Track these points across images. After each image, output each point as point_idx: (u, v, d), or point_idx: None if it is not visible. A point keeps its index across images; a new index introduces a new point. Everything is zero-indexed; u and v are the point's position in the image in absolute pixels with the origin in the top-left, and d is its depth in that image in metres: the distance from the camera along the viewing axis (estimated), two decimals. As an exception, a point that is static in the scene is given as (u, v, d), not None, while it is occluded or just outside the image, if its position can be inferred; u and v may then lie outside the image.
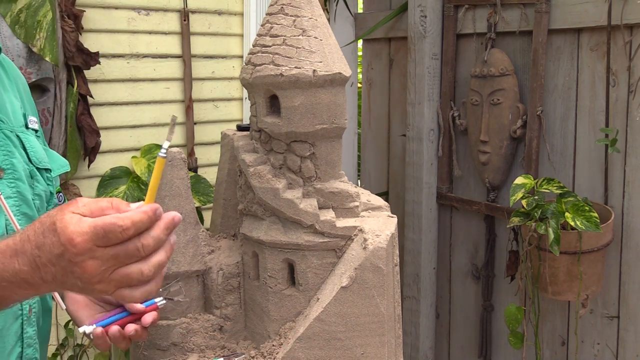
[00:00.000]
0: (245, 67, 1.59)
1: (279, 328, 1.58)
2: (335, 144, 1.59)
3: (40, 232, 0.94)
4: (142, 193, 2.50)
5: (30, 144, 1.33)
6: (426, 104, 2.78)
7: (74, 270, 0.92)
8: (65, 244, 0.91)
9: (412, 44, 2.79)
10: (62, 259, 0.92)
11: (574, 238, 2.15)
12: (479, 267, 2.78)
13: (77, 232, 0.90)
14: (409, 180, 2.89)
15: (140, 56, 2.55)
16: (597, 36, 2.30)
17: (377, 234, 1.51)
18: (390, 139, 3.19)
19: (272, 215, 1.58)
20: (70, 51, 2.29)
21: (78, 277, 0.93)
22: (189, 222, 1.71)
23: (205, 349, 1.66)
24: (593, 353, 2.41)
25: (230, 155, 1.81)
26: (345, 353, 1.50)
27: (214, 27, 2.73)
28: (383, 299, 1.50)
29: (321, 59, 1.50)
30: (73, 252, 0.91)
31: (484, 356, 2.78)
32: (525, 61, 2.50)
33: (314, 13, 1.55)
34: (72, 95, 2.32)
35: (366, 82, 3.29)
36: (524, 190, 2.22)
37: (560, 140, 2.44)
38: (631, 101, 2.22)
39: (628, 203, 2.26)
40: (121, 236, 0.91)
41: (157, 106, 2.61)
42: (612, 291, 2.34)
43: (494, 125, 2.54)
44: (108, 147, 2.50)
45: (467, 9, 2.66)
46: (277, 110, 1.55)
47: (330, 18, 3.12)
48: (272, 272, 1.58)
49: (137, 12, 2.53)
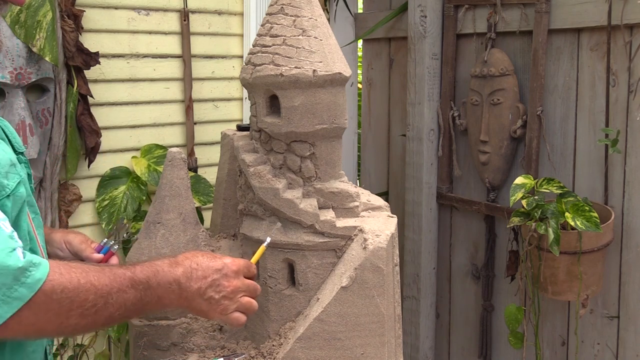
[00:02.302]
0: (245, 67, 1.59)
1: (279, 328, 1.58)
2: (335, 144, 1.59)
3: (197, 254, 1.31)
4: (142, 193, 2.49)
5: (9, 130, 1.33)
6: (426, 104, 2.78)
7: (221, 283, 1.28)
8: (227, 264, 1.31)
9: (412, 44, 2.79)
10: (218, 272, 1.29)
11: (574, 238, 2.15)
12: (479, 267, 2.78)
13: (236, 260, 1.34)
14: (409, 180, 2.89)
15: (140, 56, 2.55)
16: (597, 36, 2.30)
17: (377, 234, 1.51)
18: (390, 139, 3.19)
19: (272, 215, 1.58)
20: (70, 51, 2.29)
21: (219, 291, 1.28)
22: (189, 222, 1.71)
23: (205, 349, 1.66)
24: (593, 353, 2.41)
25: (230, 155, 1.81)
26: (345, 353, 1.50)
27: (214, 27, 2.72)
28: (383, 299, 1.50)
29: (321, 59, 1.50)
30: (231, 269, 1.31)
31: (484, 356, 2.78)
32: (525, 61, 2.50)
33: (314, 13, 1.55)
34: (72, 95, 2.32)
35: (366, 82, 3.29)
36: (524, 190, 2.22)
37: (560, 140, 2.44)
38: (631, 101, 2.22)
39: (628, 203, 2.26)
40: (254, 275, 1.37)
41: (157, 106, 2.61)
42: (612, 291, 2.34)
43: (494, 125, 2.54)
44: (108, 147, 2.49)
45: (467, 9, 2.66)
46: (277, 110, 1.55)
47: (330, 18, 3.11)
48: (272, 272, 1.58)
49: (137, 12, 2.53)
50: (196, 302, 1.27)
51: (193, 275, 1.26)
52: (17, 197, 1.19)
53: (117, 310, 1.15)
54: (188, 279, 1.25)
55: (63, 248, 1.48)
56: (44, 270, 1.07)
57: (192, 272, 1.26)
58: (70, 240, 1.49)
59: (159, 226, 1.67)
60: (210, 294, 1.27)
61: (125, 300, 1.16)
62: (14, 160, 1.22)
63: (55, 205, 2.35)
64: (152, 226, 1.69)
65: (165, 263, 1.26)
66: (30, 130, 2.19)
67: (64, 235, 1.50)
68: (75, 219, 2.46)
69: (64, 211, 2.41)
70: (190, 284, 1.25)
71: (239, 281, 1.31)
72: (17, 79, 2.17)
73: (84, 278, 1.11)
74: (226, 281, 1.29)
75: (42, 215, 2.30)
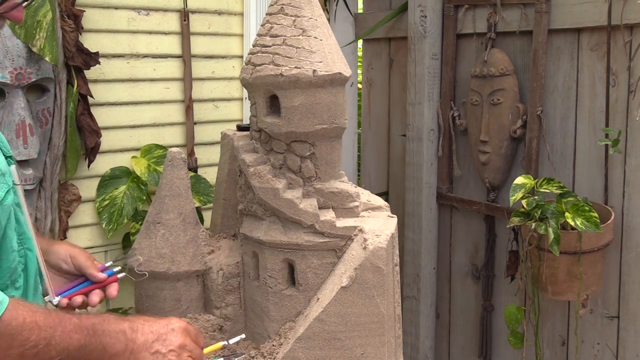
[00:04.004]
0: (245, 67, 1.59)
1: (279, 328, 1.58)
2: (335, 144, 1.59)
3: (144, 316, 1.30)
4: (142, 193, 2.49)
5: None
6: (426, 104, 2.78)
7: (169, 338, 1.25)
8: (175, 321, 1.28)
9: (412, 44, 2.79)
10: (166, 327, 1.26)
11: (574, 238, 2.15)
12: (479, 267, 2.78)
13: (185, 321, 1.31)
14: (409, 180, 2.89)
15: (140, 56, 2.55)
16: (597, 36, 2.30)
17: (377, 234, 1.51)
18: (390, 139, 3.19)
19: (272, 215, 1.58)
20: (70, 51, 2.29)
21: (166, 345, 1.24)
22: (189, 222, 1.71)
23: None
24: (593, 353, 2.41)
25: (230, 155, 1.81)
26: (345, 353, 1.50)
27: (214, 27, 2.72)
28: (383, 299, 1.50)
29: (321, 59, 1.50)
30: (179, 327, 1.27)
31: (484, 356, 2.78)
32: (525, 61, 2.50)
33: (314, 13, 1.55)
34: (72, 95, 2.32)
35: (366, 82, 3.29)
36: (524, 190, 2.22)
37: (560, 140, 2.44)
38: (631, 101, 2.22)
39: (628, 203, 2.26)
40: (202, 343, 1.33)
41: (157, 106, 2.61)
42: (612, 291, 2.34)
43: (494, 125, 2.54)
44: (108, 147, 2.49)
45: (467, 9, 2.66)
46: (277, 110, 1.55)
47: (330, 18, 3.11)
48: (272, 272, 1.58)
49: (137, 12, 2.53)
50: (142, 355, 1.22)
51: (139, 328, 1.23)
52: (5, 206, 1.20)
53: (58, 354, 1.11)
54: (134, 331, 1.22)
55: (68, 262, 1.46)
56: None
57: (139, 326, 1.24)
58: (75, 255, 1.47)
59: (159, 226, 1.67)
60: (157, 348, 1.24)
61: (69, 345, 1.12)
62: (4, 169, 1.23)
63: (55, 206, 2.35)
64: (152, 226, 1.69)
65: (113, 315, 1.24)
66: (30, 130, 2.19)
67: (69, 249, 1.49)
68: (75, 219, 2.46)
69: (63, 211, 2.41)
70: (137, 335, 1.22)
71: (187, 340, 1.28)
72: (17, 79, 2.17)
73: (30, 317, 1.09)
74: (174, 337, 1.26)
75: (42, 215, 2.30)
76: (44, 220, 2.31)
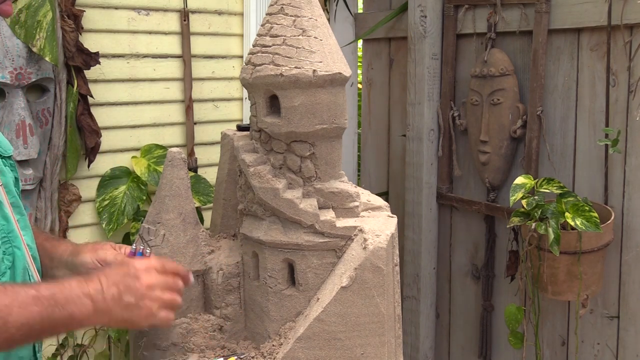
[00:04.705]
0: (245, 67, 1.59)
1: (279, 328, 1.58)
2: (335, 144, 1.59)
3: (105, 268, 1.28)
4: (142, 193, 2.50)
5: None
6: (426, 104, 2.78)
7: (133, 285, 1.21)
8: (133, 265, 1.25)
9: (412, 44, 2.79)
10: (127, 275, 1.22)
11: (574, 238, 2.15)
12: (479, 267, 2.78)
13: (144, 259, 1.33)
14: (409, 180, 2.89)
15: (140, 56, 2.55)
16: (597, 36, 2.30)
17: (377, 234, 1.51)
18: (390, 139, 3.19)
19: (272, 215, 1.58)
20: (70, 51, 2.29)
21: (133, 293, 1.21)
22: (189, 222, 1.71)
23: (205, 349, 1.66)
24: (593, 353, 2.41)
25: (230, 155, 1.81)
26: (345, 353, 1.50)
27: (214, 27, 2.73)
28: (383, 299, 1.50)
29: (321, 59, 1.50)
30: (139, 269, 1.23)
31: (484, 356, 2.78)
32: (525, 61, 2.50)
33: (314, 13, 1.55)
34: (72, 95, 2.32)
35: (366, 82, 3.29)
36: (524, 190, 2.22)
37: (560, 140, 2.44)
38: (631, 101, 2.22)
39: (628, 203, 2.26)
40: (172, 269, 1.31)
41: (157, 106, 2.61)
42: (612, 291, 2.34)
43: (494, 125, 2.54)
44: (108, 147, 2.49)
45: (467, 9, 2.66)
46: (277, 110, 1.55)
47: (330, 18, 3.11)
48: (272, 272, 1.58)
49: (137, 12, 2.53)
50: (115, 312, 1.20)
51: (103, 286, 1.19)
52: None
53: (18, 330, 1.08)
54: (98, 291, 1.18)
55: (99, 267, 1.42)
56: None
57: (102, 283, 1.19)
58: (104, 258, 1.44)
59: (159, 226, 1.67)
60: (127, 300, 1.20)
61: (28, 319, 1.09)
62: None
63: (55, 206, 2.35)
64: (152, 226, 1.69)
65: (73, 280, 1.19)
66: (30, 130, 2.19)
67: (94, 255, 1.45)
68: (75, 219, 2.46)
69: (63, 211, 2.41)
70: (103, 295, 1.18)
71: (152, 277, 1.24)
72: (17, 79, 2.17)
73: None
74: (138, 282, 1.22)
75: (42, 215, 2.30)
76: (44, 220, 2.31)
